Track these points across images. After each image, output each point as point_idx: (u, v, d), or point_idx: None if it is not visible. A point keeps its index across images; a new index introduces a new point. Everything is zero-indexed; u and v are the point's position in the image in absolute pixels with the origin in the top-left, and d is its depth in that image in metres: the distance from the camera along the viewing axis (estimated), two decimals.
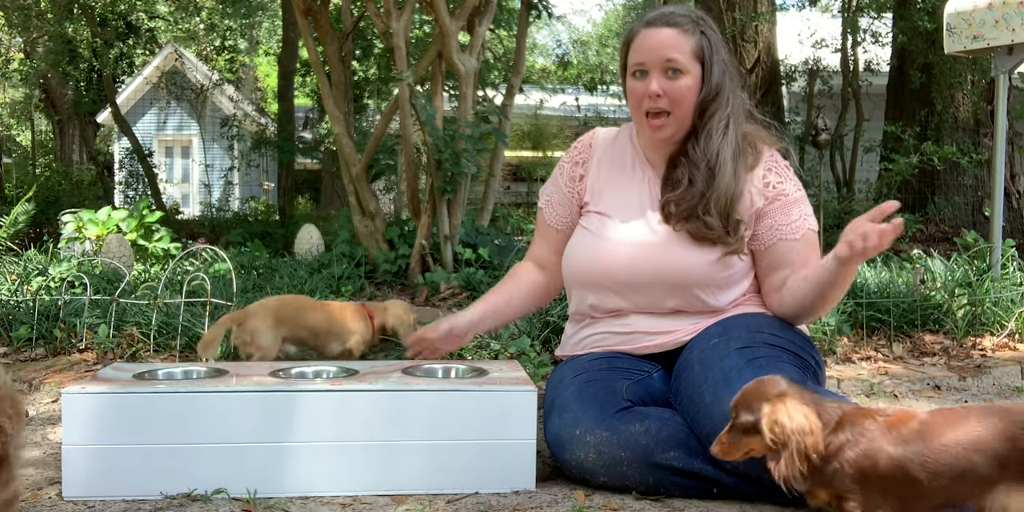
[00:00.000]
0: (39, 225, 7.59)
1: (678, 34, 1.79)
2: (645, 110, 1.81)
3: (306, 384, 1.80)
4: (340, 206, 9.16)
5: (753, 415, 1.31)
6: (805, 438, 1.27)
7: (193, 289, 3.21)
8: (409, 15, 4.09)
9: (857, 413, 1.34)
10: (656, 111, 1.81)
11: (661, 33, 1.80)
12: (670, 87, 1.78)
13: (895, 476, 1.26)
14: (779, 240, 1.84)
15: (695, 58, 1.79)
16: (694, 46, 1.79)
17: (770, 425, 1.29)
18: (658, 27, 1.81)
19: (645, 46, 1.81)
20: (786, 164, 1.90)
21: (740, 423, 1.33)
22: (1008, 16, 3.63)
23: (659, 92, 1.78)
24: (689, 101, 1.80)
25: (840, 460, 1.28)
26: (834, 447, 1.29)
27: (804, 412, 1.29)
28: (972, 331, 3.27)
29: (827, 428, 1.30)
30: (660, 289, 1.82)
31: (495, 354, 2.78)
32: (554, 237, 2.01)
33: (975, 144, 7.97)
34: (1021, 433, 1.24)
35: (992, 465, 1.23)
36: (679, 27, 1.80)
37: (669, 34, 1.79)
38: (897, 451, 1.27)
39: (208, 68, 14.99)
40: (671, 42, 1.79)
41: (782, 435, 1.28)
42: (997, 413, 1.29)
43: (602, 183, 1.93)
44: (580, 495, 1.74)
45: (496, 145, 4.63)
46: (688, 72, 1.79)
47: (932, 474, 1.25)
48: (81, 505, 1.69)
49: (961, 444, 1.25)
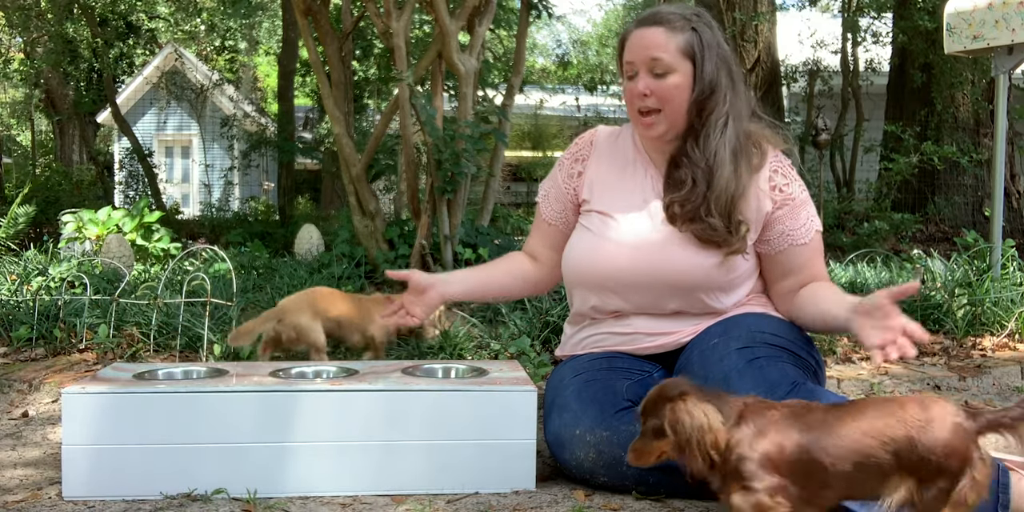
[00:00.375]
0: (39, 225, 7.59)
1: (665, 32, 1.78)
2: (636, 109, 1.81)
3: (306, 384, 1.80)
4: (340, 206, 9.16)
5: (658, 418, 1.33)
6: (705, 435, 1.29)
7: (193, 289, 3.21)
8: (409, 15, 4.09)
9: (760, 405, 1.36)
10: (646, 110, 1.80)
11: (648, 32, 1.79)
12: (657, 86, 1.78)
13: (801, 461, 1.28)
14: (789, 245, 1.84)
15: (684, 56, 1.78)
16: (682, 44, 1.78)
17: (672, 424, 1.31)
18: (647, 26, 1.80)
19: (634, 46, 1.81)
20: (790, 164, 1.89)
21: (648, 427, 1.34)
22: (1008, 16, 3.63)
23: (646, 91, 1.78)
24: (679, 99, 1.78)
25: (746, 450, 1.30)
26: (739, 439, 1.31)
27: (703, 409, 1.31)
28: (972, 331, 3.27)
29: (730, 422, 1.32)
30: (662, 291, 1.81)
31: (495, 354, 2.78)
32: (547, 231, 2.01)
33: (975, 144, 7.98)
34: (917, 424, 1.27)
35: (889, 455, 1.27)
36: (667, 25, 1.79)
37: (656, 33, 1.79)
38: (803, 438, 1.30)
39: (208, 68, 14.99)
40: (657, 41, 1.78)
41: (683, 433, 1.29)
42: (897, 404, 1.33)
43: (602, 181, 1.92)
44: (580, 495, 1.74)
45: (496, 145, 4.62)
46: (675, 70, 1.78)
47: (836, 460, 1.27)
48: (81, 505, 1.69)
49: (862, 433, 1.28)
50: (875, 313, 1.56)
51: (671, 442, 1.31)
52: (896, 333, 1.50)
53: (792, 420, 1.32)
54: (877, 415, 1.30)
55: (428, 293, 1.88)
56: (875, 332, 1.53)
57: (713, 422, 1.30)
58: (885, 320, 1.53)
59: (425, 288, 1.87)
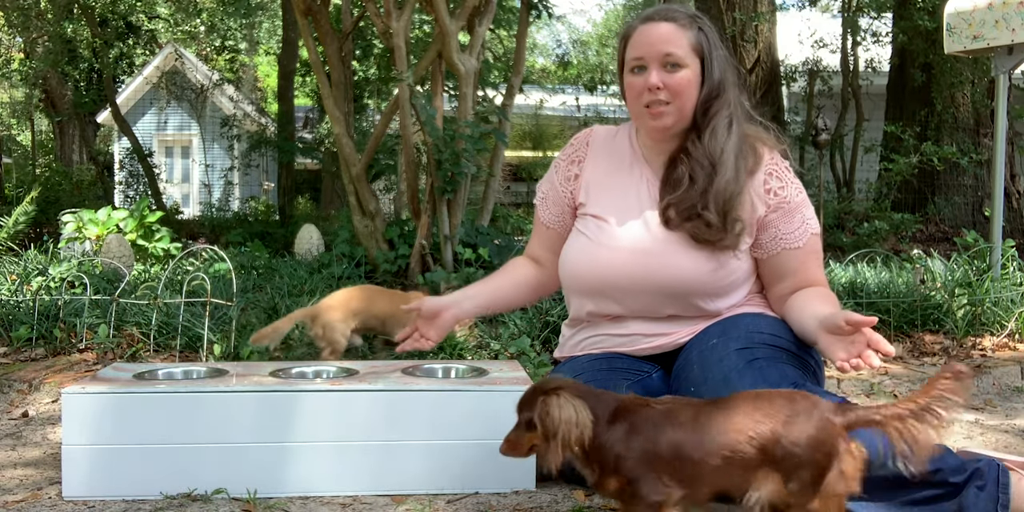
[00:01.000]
0: (39, 225, 7.59)
1: (675, 28, 1.79)
2: (645, 103, 1.80)
3: (306, 384, 1.80)
4: (340, 206, 9.16)
5: (530, 411, 1.35)
6: (572, 429, 1.31)
7: (193, 289, 3.21)
8: (409, 15, 4.09)
9: (635, 402, 1.38)
10: (656, 103, 1.78)
11: (659, 27, 1.79)
12: (670, 79, 1.77)
13: (677, 457, 1.31)
14: (782, 249, 1.83)
15: (694, 52, 1.78)
16: (692, 41, 1.78)
17: (541, 417, 1.33)
18: (655, 22, 1.81)
19: (643, 41, 1.80)
20: (786, 166, 1.87)
21: (522, 419, 1.37)
22: (1008, 16, 3.63)
23: (659, 85, 1.76)
24: (689, 94, 1.78)
25: (624, 447, 1.32)
26: (616, 436, 1.33)
27: (575, 405, 1.33)
28: (972, 331, 3.27)
29: (603, 419, 1.34)
30: (657, 296, 1.81)
31: (495, 354, 2.78)
32: (547, 234, 2.00)
33: (975, 144, 7.98)
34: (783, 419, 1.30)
35: (755, 450, 1.29)
36: (676, 22, 1.79)
37: (667, 28, 1.79)
38: (676, 435, 1.32)
39: (208, 68, 14.99)
40: (669, 36, 1.78)
41: (551, 426, 1.31)
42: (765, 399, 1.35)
43: (598, 183, 1.91)
44: (580, 495, 1.74)
45: (496, 145, 4.62)
46: (687, 66, 1.77)
47: (705, 455, 1.30)
48: (81, 505, 1.69)
49: (730, 429, 1.31)
50: (836, 331, 1.58)
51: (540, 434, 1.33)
52: (861, 347, 1.52)
53: (665, 417, 1.35)
54: (745, 411, 1.33)
55: (442, 316, 1.90)
56: (839, 348, 1.56)
57: (581, 418, 1.32)
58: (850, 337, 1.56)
59: (438, 312, 1.89)
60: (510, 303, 2.10)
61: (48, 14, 10.54)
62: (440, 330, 1.90)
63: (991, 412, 2.52)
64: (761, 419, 1.31)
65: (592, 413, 1.33)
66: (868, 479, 1.52)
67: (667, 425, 1.33)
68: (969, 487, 1.51)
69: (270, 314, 3.17)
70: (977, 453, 1.64)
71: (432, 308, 1.89)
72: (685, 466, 1.31)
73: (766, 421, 1.30)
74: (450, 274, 3.88)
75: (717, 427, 1.32)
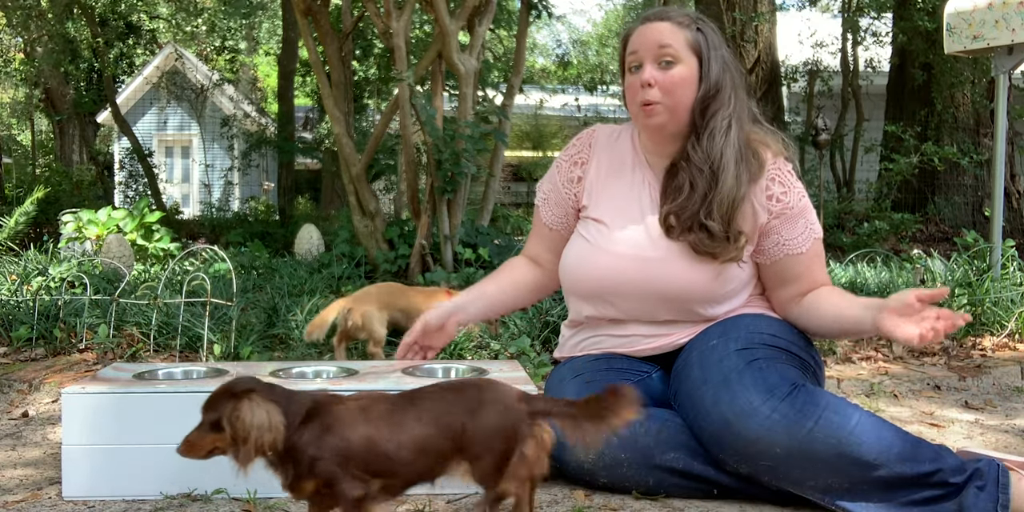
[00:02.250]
0: (39, 225, 7.60)
1: (671, 26, 1.79)
2: (639, 101, 1.79)
3: (306, 384, 1.80)
4: (340, 206, 9.17)
5: (218, 413, 1.32)
6: (264, 434, 1.29)
7: (193, 289, 3.22)
8: (409, 15, 4.09)
9: (328, 401, 1.37)
10: (648, 102, 1.77)
11: (655, 25, 1.80)
12: (662, 76, 1.76)
13: (370, 453, 1.32)
14: (785, 255, 1.82)
15: (690, 50, 1.77)
16: (689, 39, 1.78)
17: (231, 421, 1.30)
18: (653, 21, 1.81)
19: (639, 38, 1.80)
20: (790, 170, 1.85)
21: (206, 420, 1.34)
22: (1008, 16, 3.63)
23: (651, 81, 1.76)
24: (683, 92, 1.77)
25: (318, 448, 1.31)
26: (308, 438, 1.32)
27: (267, 408, 1.30)
28: (972, 331, 3.27)
29: (296, 421, 1.33)
30: (657, 303, 1.81)
31: (495, 354, 2.78)
32: (549, 236, 2.00)
33: (975, 144, 7.98)
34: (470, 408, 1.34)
35: (447, 440, 1.33)
36: (673, 21, 1.80)
37: (663, 26, 1.79)
38: (369, 430, 1.33)
39: (208, 68, 14.99)
40: (664, 33, 1.78)
41: (242, 431, 1.29)
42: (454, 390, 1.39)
43: (600, 186, 1.90)
44: (580, 495, 1.74)
45: (496, 145, 4.63)
46: (681, 62, 1.76)
47: (398, 449, 1.32)
48: (81, 505, 1.69)
49: (420, 421, 1.34)
50: (905, 310, 1.58)
51: (227, 438, 1.31)
52: (931, 321, 1.54)
53: (358, 414, 1.35)
54: (435, 402, 1.36)
55: (446, 327, 1.94)
56: (910, 325, 1.57)
57: (273, 422, 1.30)
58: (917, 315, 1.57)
59: (442, 325, 1.94)
60: (510, 306, 2.11)
61: (48, 14, 10.55)
62: (445, 339, 1.96)
63: (991, 412, 2.52)
64: (450, 409, 1.34)
65: (285, 415, 1.31)
66: (868, 479, 1.53)
67: (360, 421, 1.34)
68: (969, 487, 1.51)
69: (270, 314, 3.17)
70: (977, 453, 1.64)
71: (436, 322, 1.93)
72: (379, 460, 1.32)
73: (455, 411, 1.34)
74: (450, 274, 3.88)
75: (409, 420, 1.34)
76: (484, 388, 1.39)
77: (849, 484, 1.54)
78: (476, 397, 1.36)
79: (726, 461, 1.63)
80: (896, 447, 1.53)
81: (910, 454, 1.53)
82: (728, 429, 1.59)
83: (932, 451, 1.55)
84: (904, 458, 1.52)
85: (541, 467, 1.36)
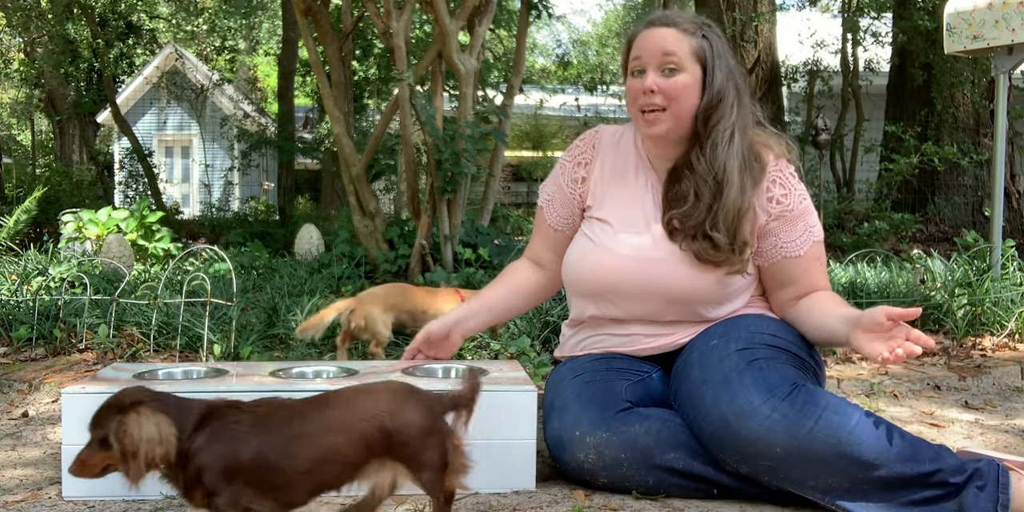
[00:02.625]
0: (39, 225, 7.60)
1: (677, 33, 1.78)
2: (640, 107, 1.79)
3: (306, 384, 1.80)
4: (340, 206, 9.17)
5: (104, 429, 1.27)
6: (154, 448, 1.24)
7: (193, 289, 3.22)
8: (409, 15, 4.09)
9: (223, 408, 1.32)
10: (650, 108, 1.77)
11: (661, 31, 1.79)
12: (665, 83, 1.76)
13: (260, 467, 1.27)
14: (782, 258, 1.82)
15: (695, 58, 1.77)
16: (694, 46, 1.77)
17: (119, 436, 1.25)
18: (658, 26, 1.80)
19: (644, 44, 1.79)
20: (791, 172, 1.84)
21: (95, 437, 1.28)
22: (1008, 16, 3.63)
23: (653, 88, 1.75)
24: (686, 100, 1.76)
25: (206, 458, 1.27)
26: (197, 446, 1.27)
27: (156, 421, 1.26)
28: (972, 331, 3.27)
29: (188, 430, 1.28)
30: (660, 304, 1.81)
31: (495, 354, 2.78)
32: (553, 237, 2.00)
33: (975, 144, 7.98)
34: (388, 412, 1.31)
35: (360, 447, 1.29)
36: (679, 27, 1.78)
37: (668, 32, 1.78)
38: (261, 441, 1.28)
39: (208, 68, 15.00)
40: (669, 39, 1.77)
41: (131, 446, 1.24)
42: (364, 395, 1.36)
43: (604, 187, 1.90)
44: (580, 495, 1.73)
45: (496, 145, 4.63)
46: (685, 70, 1.76)
47: (298, 459, 1.27)
48: (81, 505, 1.69)
49: (327, 428, 1.29)
50: (875, 328, 1.57)
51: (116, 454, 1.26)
52: (900, 341, 1.53)
53: (255, 422, 1.30)
54: (345, 409, 1.33)
55: (451, 337, 1.96)
56: (878, 343, 1.56)
57: (164, 434, 1.25)
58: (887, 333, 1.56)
59: (447, 334, 1.95)
60: (514, 313, 2.14)
61: (48, 14, 10.55)
62: (450, 350, 1.97)
63: (991, 412, 2.52)
64: (364, 416, 1.31)
65: (176, 425, 1.27)
66: (868, 479, 1.53)
67: (255, 432, 1.28)
68: (969, 487, 1.51)
69: (270, 314, 3.17)
70: (977, 453, 1.64)
71: (440, 332, 1.94)
72: (274, 474, 1.27)
73: (370, 417, 1.30)
74: (450, 274, 3.88)
75: (313, 428, 1.30)
76: (397, 390, 1.37)
77: (849, 484, 1.54)
78: (393, 398, 1.34)
79: (726, 461, 1.63)
80: (896, 447, 1.53)
81: (910, 454, 1.53)
82: (728, 429, 1.59)
83: (932, 451, 1.55)
84: (904, 458, 1.52)
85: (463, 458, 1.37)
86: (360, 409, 1.32)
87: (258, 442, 1.28)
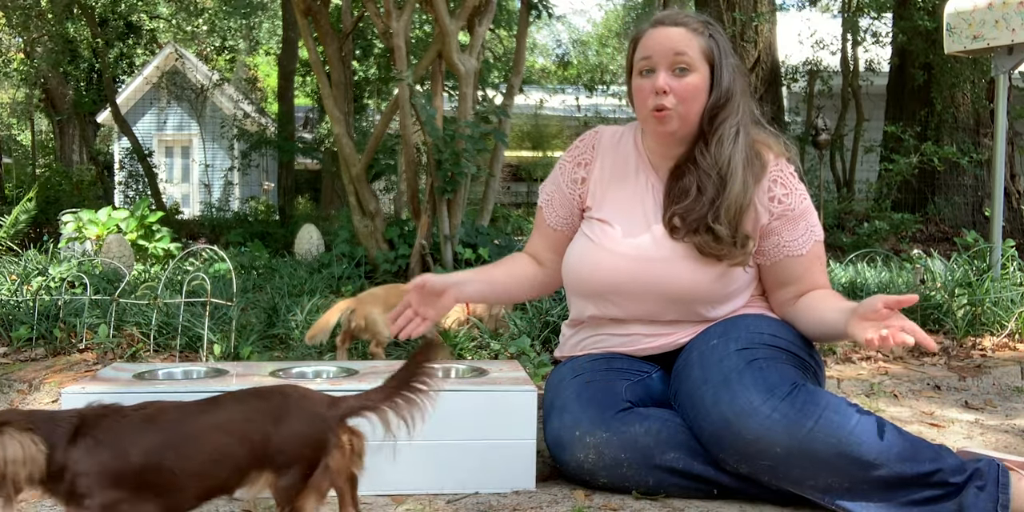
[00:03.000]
0: (39, 225, 7.60)
1: (686, 33, 1.77)
2: (651, 107, 1.78)
3: (306, 384, 1.80)
4: (340, 206, 9.17)
5: None
6: (19, 468, 1.20)
7: (193, 289, 3.22)
8: (409, 15, 4.09)
9: (101, 414, 1.29)
10: (661, 107, 1.77)
11: (670, 31, 1.78)
12: (677, 83, 1.76)
13: (147, 470, 1.24)
14: (784, 257, 1.82)
15: (704, 58, 1.77)
16: (703, 46, 1.77)
17: None
18: (667, 26, 1.79)
19: (653, 43, 1.79)
20: (792, 171, 1.85)
21: None
22: (1008, 16, 3.63)
23: (665, 88, 1.75)
24: (696, 99, 1.76)
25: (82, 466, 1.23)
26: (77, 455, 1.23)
27: (20, 440, 1.21)
28: (972, 331, 3.27)
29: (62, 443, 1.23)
30: (660, 303, 1.81)
31: (495, 354, 2.78)
32: (553, 236, 1.99)
33: (975, 144, 7.98)
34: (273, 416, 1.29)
35: (244, 450, 1.27)
36: (687, 27, 1.78)
37: (678, 32, 1.78)
38: (151, 442, 1.25)
39: (208, 68, 15.00)
40: (680, 39, 1.77)
41: None
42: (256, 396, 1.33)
43: (604, 187, 1.90)
44: (580, 495, 1.74)
45: (496, 145, 4.62)
46: (696, 70, 1.76)
47: (186, 461, 1.25)
48: None
49: (216, 430, 1.27)
50: (871, 316, 1.56)
51: None
52: (894, 330, 1.51)
53: (141, 425, 1.27)
54: (234, 410, 1.30)
55: (445, 296, 1.84)
56: (870, 329, 1.54)
57: (29, 453, 1.20)
58: (883, 321, 1.54)
59: (442, 291, 1.83)
60: (509, 294, 2.06)
61: (48, 14, 10.55)
62: (440, 311, 1.84)
63: (991, 412, 2.52)
64: (252, 418, 1.29)
65: (47, 441, 1.22)
66: (868, 479, 1.53)
67: (144, 433, 1.26)
68: (969, 487, 1.51)
69: (270, 314, 3.17)
70: (977, 453, 1.65)
71: (437, 286, 1.82)
72: (162, 476, 1.24)
73: (256, 419, 1.28)
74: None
75: (202, 430, 1.27)
76: (290, 395, 1.34)
77: (849, 484, 1.54)
78: (282, 405, 1.31)
79: (726, 461, 1.63)
80: (896, 447, 1.53)
81: (910, 454, 1.53)
82: (728, 429, 1.59)
83: (932, 451, 1.55)
84: (904, 458, 1.52)
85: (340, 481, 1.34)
86: (251, 411, 1.30)
87: (147, 442, 1.25)
